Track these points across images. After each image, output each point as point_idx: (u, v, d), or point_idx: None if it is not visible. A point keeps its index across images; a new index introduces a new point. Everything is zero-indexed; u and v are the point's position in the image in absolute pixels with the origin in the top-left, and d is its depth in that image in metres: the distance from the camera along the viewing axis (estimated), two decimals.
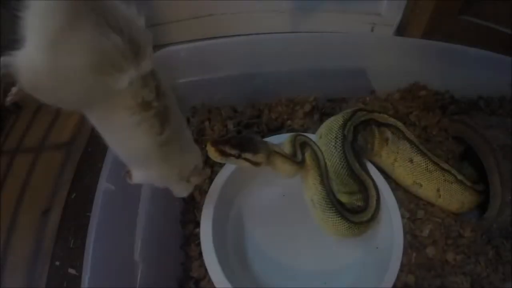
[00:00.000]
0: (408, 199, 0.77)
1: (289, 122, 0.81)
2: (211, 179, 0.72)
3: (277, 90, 0.87)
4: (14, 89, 0.44)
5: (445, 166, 0.75)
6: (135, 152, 0.46)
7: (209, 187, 0.69)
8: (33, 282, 0.79)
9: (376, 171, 0.72)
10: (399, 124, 0.75)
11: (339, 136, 0.66)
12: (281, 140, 0.67)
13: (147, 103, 0.40)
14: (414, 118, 0.86)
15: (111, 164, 0.62)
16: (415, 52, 0.92)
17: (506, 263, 0.74)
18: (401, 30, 1.16)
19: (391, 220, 0.67)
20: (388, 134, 0.74)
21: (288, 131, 0.82)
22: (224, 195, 0.69)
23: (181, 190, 0.56)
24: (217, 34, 0.91)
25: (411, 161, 0.73)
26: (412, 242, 0.72)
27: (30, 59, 0.34)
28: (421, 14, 1.10)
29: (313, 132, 0.76)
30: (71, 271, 0.79)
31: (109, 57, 0.35)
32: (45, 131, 1.03)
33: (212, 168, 0.76)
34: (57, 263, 0.80)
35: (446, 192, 0.75)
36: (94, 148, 0.96)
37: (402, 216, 0.69)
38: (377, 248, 0.68)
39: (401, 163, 0.74)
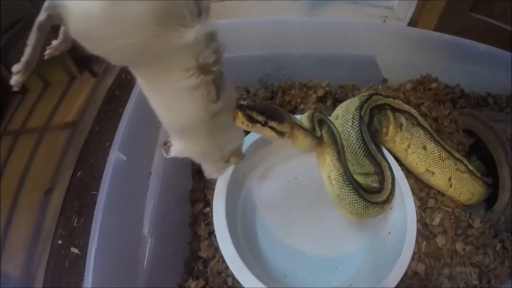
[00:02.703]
0: (419, 188, 0.77)
1: (302, 106, 0.80)
2: None
3: (289, 74, 0.86)
4: (54, 42, 0.41)
5: (457, 155, 0.75)
6: (185, 120, 0.43)
7: None
8: (34, 260, 0.77)
9: (390, 156, 0.71)
10: (413, 111, 0.74)
11: (356, 116, 0.65)
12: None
13: (207, 65, 0.37)
14: (425, 109, 0.86)
15: (123, 134, 0.60)
16: (426, 44, 0.92)
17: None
18: (412, 25, 1.16)
19: (404, 205, 0.66)
20: (403, 120, 0.73)
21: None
22: (236, 175, 0.68)
23: (216, 170, 0.54)
24: None
25: (424, 148, 0.73)
26: (422, 230, 0.71)
27: (86, 1, 0.30)
28: (432, 10, 1.10)
29: None
30: (74, 250, 0.77)
31: (176, 9, 0.32)
32: (50, 111, 1.02)
33: None
34: (59, 241, 0.78)
35: (457, 181, 0.74)
36: (102, 128, 0.94)
37: None
38: (389, 233, 0.67)
39: (414, 149, 0.73)
